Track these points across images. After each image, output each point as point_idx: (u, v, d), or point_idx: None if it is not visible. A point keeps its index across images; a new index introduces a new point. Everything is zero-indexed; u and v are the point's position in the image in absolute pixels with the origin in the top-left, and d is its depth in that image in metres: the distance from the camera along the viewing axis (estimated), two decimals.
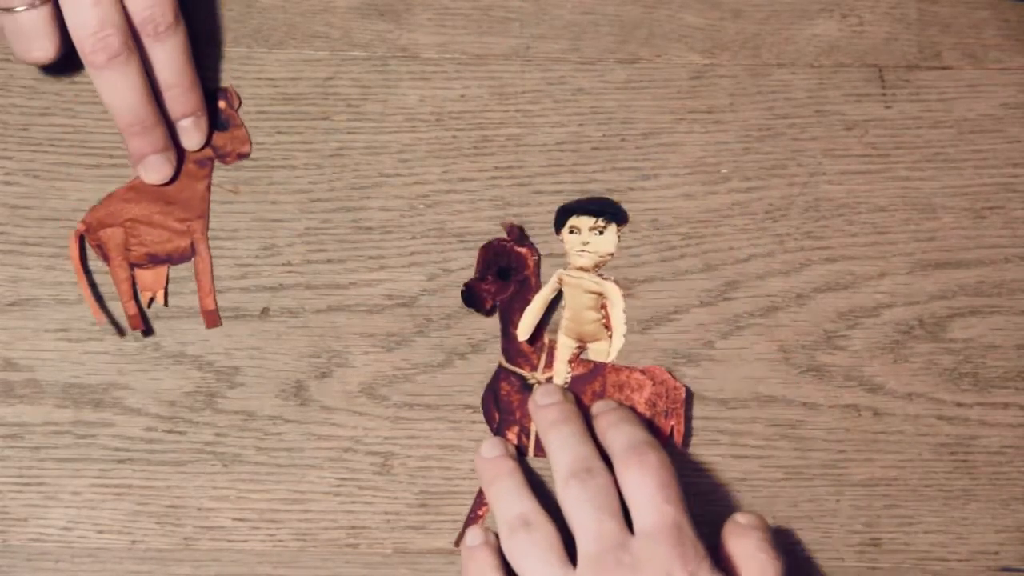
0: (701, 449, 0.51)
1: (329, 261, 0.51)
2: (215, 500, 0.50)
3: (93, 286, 0.51)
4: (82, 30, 0.47)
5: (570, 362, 0.51)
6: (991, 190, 0.53)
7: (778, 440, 0.51)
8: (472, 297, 0.50)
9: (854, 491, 0.50)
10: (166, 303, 0.51)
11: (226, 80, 0.53)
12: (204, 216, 0.51)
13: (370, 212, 0.52)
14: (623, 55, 0.53)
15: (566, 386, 0.51)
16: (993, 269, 0.52)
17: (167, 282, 0.51)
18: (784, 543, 0.49)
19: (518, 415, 0.50)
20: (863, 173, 0.53)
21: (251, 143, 0.52)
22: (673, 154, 0.53)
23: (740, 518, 0.47)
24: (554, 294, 0.51)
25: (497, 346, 0.51)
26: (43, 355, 0.51)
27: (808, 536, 0.50)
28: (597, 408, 0.49)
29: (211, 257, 0.51)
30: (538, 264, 0.51)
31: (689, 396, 0.50)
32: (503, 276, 0.51)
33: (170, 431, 0.50)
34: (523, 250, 0.51)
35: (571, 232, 0.52)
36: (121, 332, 0.51)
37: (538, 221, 0.52)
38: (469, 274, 0.51)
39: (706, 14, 0.54)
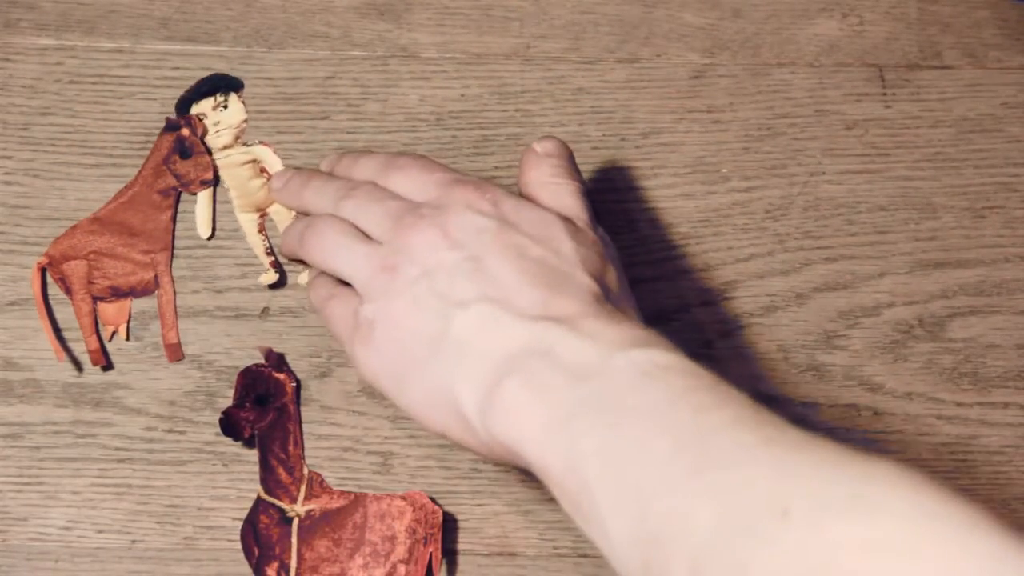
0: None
1: None
2: (215, 500, 0.50)
3: (54, 320, 0.50)
4: None
5: (260, 232, 0.51)
6: (991, 190, 0.53)
7: None
8: (230, 425, 0.49)
9: None
10: (128, 337, 0.51)
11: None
12: (168, 248, 0.51)
13: None
14: (623, 55, 0.53)
15: (269, 255, 0.51)
16: (993, 269, 0.52)
17: (129, 316, 0.51)
18: None
19: (277, 550, 0.49)
20: (863, 173, 0.53)
21: (214, 169, 0.52)
22: (673, 154, 0.53)
23: (537, 146, 0.46)
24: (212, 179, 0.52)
25: None
26: (43, 355, 0.51)
27: None
28: (327, 162, 0.50)
29: (175, 290, 0.51)
30: (297, 391, 0.50)
31: (447, 520, 0.49)
32: (261, 403, 0.50)
33: (170, 431, 0.50)
34: (281, 376, 0.50)
35: (201, 119, 0.52)
36: (80, 368, 0.50)
37: None
38: None
39: (706, 14, 0.54)
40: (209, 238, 0.51)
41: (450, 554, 0.50)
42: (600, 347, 0.39)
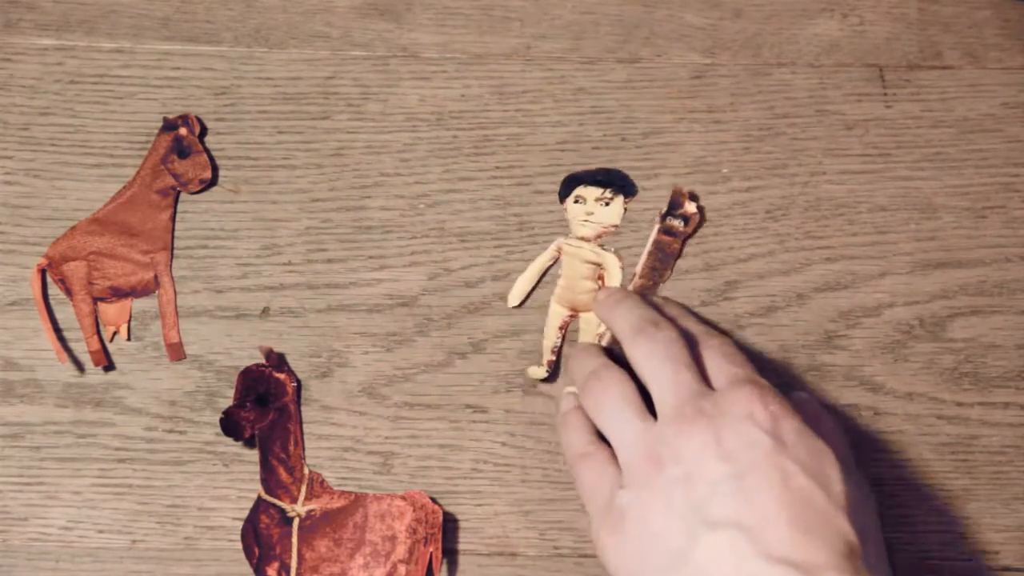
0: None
1: (329, 261, 0.51)
2: (215, 500, 0.50)
3: (54, 321, 0.51)
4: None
5: (560, 328, 0.50)
6: (991, 190, 0.53)
7: None
8: (231, 425, 0.49)
9: None
10: (129, 337, 0.51)
11: (226, 79, 0.53)
12: (168, 248, 0.51)
13: (370, 212, 0.52)
14: (623, 55, 0.53)
15: (552, 354, 0.50)
16: (993, 269, 0.52)
17: (130, 316, 0.51)
18: None
19: (278, 549, 0.49)
20: (864, 173, 0.53)
21: (212, 168, 0.52)
22: (673, 154, 0.53)
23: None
24: (552, 262, 0.51)
25: (499, 345, 0.51)
26: (44, 355, 0.51)
27: None
28: (657, 301, 0.49)
29: (175, 290, 0.51)
30: (297, 390, 0.50)
31: (447, 520, 0.50)
32: (262, 403, 0.49)
33: (170, 431, 0.50)
34: (282, 376, 0.50)
35: (576, 202, 0.51)
36: (81, 369, 0.50)
37: (539, 221, 0.52)
38: (470, 274, 0.51)
39: (706, 14, 0.54)
40: (516, 306, 0.51)
41: (450, 554, 0.50)
42: None
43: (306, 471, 0.50)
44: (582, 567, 0.50)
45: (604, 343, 0.49)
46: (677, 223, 0.50)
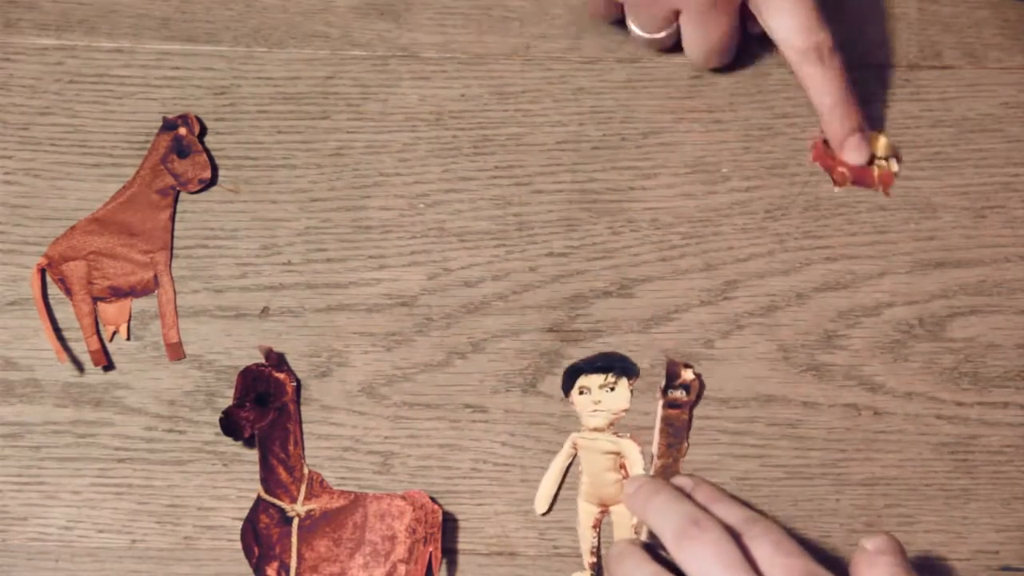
0: (701, 449, 0.51)
1: (329, 260, 0.52)
2: (215, 499, 0.50)
3: (54, 321, 0.51)
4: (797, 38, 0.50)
5: (594, 527, 0.50)
6: (991, 190, 0.53)
7: (778, 439, 0.51)
8: (230, 425, 0.49)
9: (854, 490, 0.50)
10: (128, 337, 0.51)
11: (226, 79, 0.53)
12: (167, 247, 0.51)
13: (370, 211, 0.52)
14: (623, 54, 0.53)
15: (593, 555, 0.49)
16: (993, 268, 0.52)
17: (130, 316, 0.51)
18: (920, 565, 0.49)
19: (278, 549, 0.49)
20: None
21: (212, 167, 0.52)
22: (673, 153, 0.53)
23: (868, 544, 0.44)
24: (569, 460, 0.50)
25: (499, 345, 0.51)
26: (43, 355, 0.51)
27: (808, 535, 0.50)
28: (682, 482, 0.48)
29: (174, 289, 0.51)
30: (297, 390, 0.50)
31: (447, 520, 0.49)
32: (261, 402, 0.49)
33: (170, 430, 0.50)
34: (281, 376, 0.50)
35: (581, 393, 0.50)
36: (81, 368, 0.50)
37: (538, 220, 0.52)
38: (470, 273, 0.51)
39: None
40: (543, 513, 0.50)
41: (450, 553, 0.50)
42: None
43: (306, 471, 0.50)
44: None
45: (643, 537, 0.48)
46: (679, 394, 0.50)
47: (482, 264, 0.52)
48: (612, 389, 0.50)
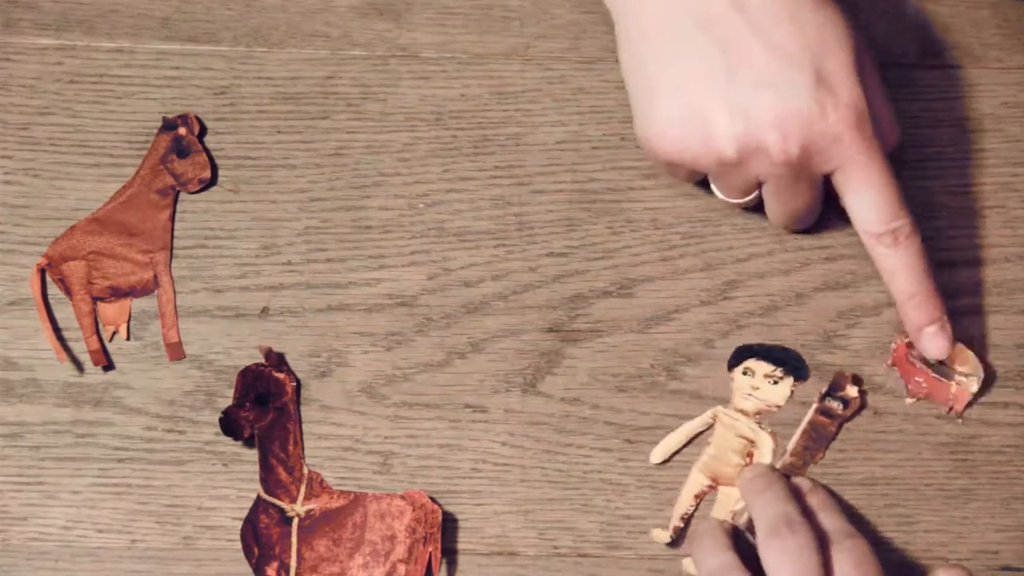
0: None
1: (329, 260, 0.52)
2: (215, 499, 0.50)
3: (54, 321, 0.51)
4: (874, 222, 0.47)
5: (697, 497, 0.50)
6: (991, 190, 0.53)
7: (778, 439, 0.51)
8: (230, 425, 0.49)
9: (854, 490, 0.50)
10: (128, 337, 0.51)
11: (226, 79, 0.53)
12: (167, 247, 0.51)
13: (370, 211, 0.52)
14: None
15: (682, 520, 0.49)
16: (993, 269, 0.52)
17: (130, 316, 0.51)
18: None
19: (277, 549, 0.49)
20: None
21: (212, 167, 0.52)
22: None
23: (942, 573, 0.46)
24: (703, 429, 0.50)
25: (499, 345, 0.51)
26: (43, 355, 0.51)
27: None
28: (801, 483, 0.49)
29: (174, 289, 0.51)
30: (297, 390, 0.50)
31: (447, 520, 0.49)
32: (261, 402, 0.49)
33: (170, 430, 0.50)
34: (281, 376, 0.50)
35: (744, 373, 0.50)
36: (81, 368, 0.50)
37: (538, 220, 0.52)
38: (470, 273, 0.51)
39: None
40: (657, 464, 0.50)
41: (450, 553, 0.50)
42: None
43: (305, 471, 0.50)
44: (582, 567, 0.50)
45: (742, 522, 0.48)
46: (836, 405, 0.50)
47: (482, 264, 0.52)
48: (776, 383, 0.50)
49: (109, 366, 0.50)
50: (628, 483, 0.50)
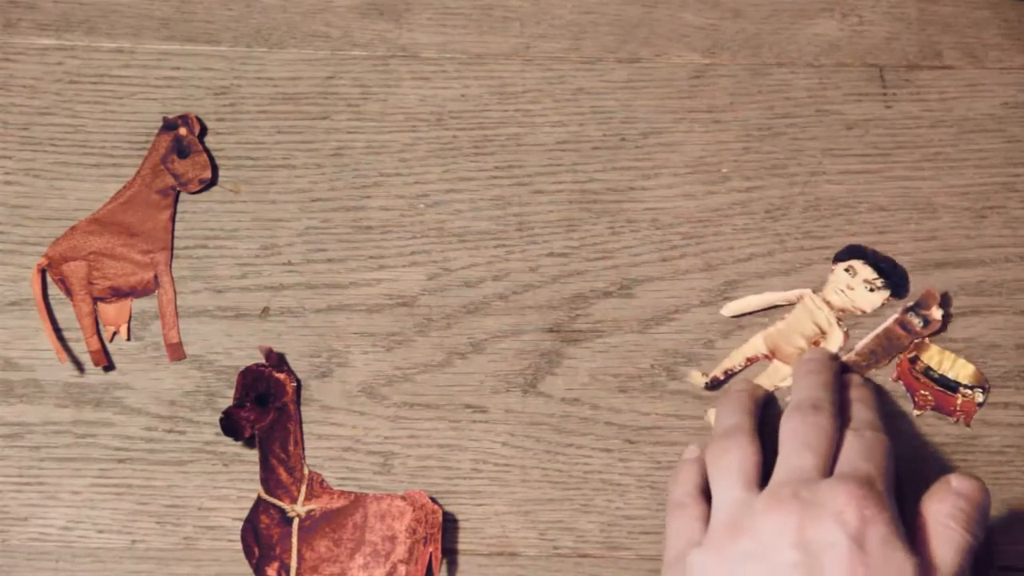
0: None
1: (329, 261, 0.52)
2: (215, 500, 0.50)
3: (54, 321, 0.51)
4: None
5: (748, 359, 0.50)
6: (991, 190, 0.53)
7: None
8: (230, 425, 0.49)
9: None
10: (129, 337, 0.51)
11: (226, 79, 0.53)
12: (167, 248, 0.51)
13: (370, 212, 0.52)
14: (623, 54, 0.53)
15: (724, 373, 0.50)
16: (993, 269, 0.52)
17: (130, 316, 0.51)
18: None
19: (278, 550, 0.49)
20: (863, 173, 0.53)
21: (212, 168, 0.52)
22: (673, 153, 0.53)
23: (953, 479, 0.44)
24: (784, 303, 0.51)
25: (499, 346, 0.51)
26: (43, 355, 0.51)
27: None
28: (853, 379, 0.49)
29: (175, 290, 0.51)
30: (297, 390, 0.50)
31: (447, 520, 0.49)
32: (261, 403, 0.49)
33: (170, 431, 0.50)
34: (281, 376, 0.50)
35: (846, 270, 0.51)
36: (81, 369, 0.50)
37: (538, 221, 0.52)
38: (470, 274, 0.51)
39: (706, 14, 0.54)
40: (728, 316, 0.51)
41: (450, 554, 0.50)
42: None
43: (306, 471, 0.50)
44: (582, 567, 0.50)
45: (785, 400, 0.49)
46: (916, 321, 0.50)
47: (482, 264, 0.52)
48: (872, 290, 0.51)
49: (109, 366, 0.50)
50: (628, 483, 0.50)
